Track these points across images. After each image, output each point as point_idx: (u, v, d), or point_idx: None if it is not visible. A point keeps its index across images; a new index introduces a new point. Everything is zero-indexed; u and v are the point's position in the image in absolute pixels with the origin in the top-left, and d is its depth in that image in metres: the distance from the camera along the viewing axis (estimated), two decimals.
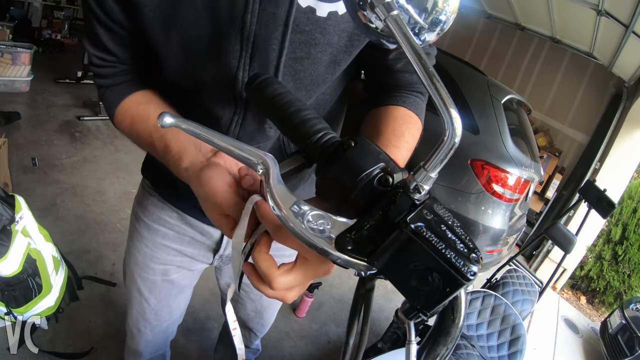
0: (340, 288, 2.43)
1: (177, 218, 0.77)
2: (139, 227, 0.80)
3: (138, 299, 0.86)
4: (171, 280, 0.84)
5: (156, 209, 0.78)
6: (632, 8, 2.37)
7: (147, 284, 0.84)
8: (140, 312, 0.88)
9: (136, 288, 0.85)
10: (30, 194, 2.14)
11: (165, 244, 0.79)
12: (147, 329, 0.91)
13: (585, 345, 3.11)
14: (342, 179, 0.35)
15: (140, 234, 0.80)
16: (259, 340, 1.10)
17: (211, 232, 0.77)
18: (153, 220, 0.78)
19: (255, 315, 0.97)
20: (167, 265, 0.81)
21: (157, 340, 0.96)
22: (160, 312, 0.89)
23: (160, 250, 0.79)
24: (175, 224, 0.77)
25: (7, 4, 4.45)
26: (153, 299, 0.86)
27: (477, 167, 2.37)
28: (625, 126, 3.62)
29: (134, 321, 0.91)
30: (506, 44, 4.76)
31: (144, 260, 0.81)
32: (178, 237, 0.78)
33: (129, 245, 0.84)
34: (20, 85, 3.31)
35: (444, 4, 0.34)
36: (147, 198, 0.79)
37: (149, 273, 0.82)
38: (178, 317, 0.97)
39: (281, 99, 0.43)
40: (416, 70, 0.31)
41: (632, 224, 3.86)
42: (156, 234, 0.78)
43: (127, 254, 0.85)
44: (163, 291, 0.85)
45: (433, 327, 0.34)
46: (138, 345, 0.95)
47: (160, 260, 0.80)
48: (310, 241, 0.33)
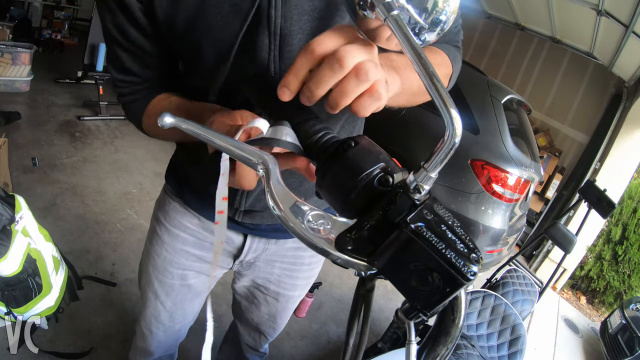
0: (340, 288, 2.43)
1: (198, 224, 0.77)
2: (160, 231, 0.80)
3: (153, 302, 0.87)
4: (189, 285, 0.84)
5: (177, 214, 0.78)
6: (632, 8, 2.37)
7: (165, 288, 0.84)
8: (155, 314, 0.88)
9: (152, 290, 0.85)
10: (30, 194, 2.14)
11: (185, 249, 0.79)
12: (160, 330, 0.92)
13: (585, 345, 3.11)
14: (342, 179, 0.35)
15: (161, 238, 0.80)
16: (267, 344, 1.10)
17: (232, 238, 0.77)
18: (174, 225, 0.78)
19: (268, 319, 0.97)
20: (186, 271, 0.82)
21: (168, 341, 0.97)
22: (174, 314, 0.89)
23: (180, 256, 0.79)
24: (196, 230, 0.78)
25: (7, 4, 4.45)
26: (169, 302, 0.86)
27: (477, 167, 2.37)
28: (625, 126, 3.62)
29: (146, 323, 0.91)
30: (506, 44, 4.76)
31: (163, 264, 0.81)
32: (199, 243, 0.79)
33: (148, 249, 0.84)
34: (20, 85, 3.31)
35: (444, 4, 0.34)
36: (169, 203, 0.79)
37: (167, 277, 0.82)
38: (191, 320, 0.97)
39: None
40: (416, 70, 0.31)
41: (632, 224, 3.87)
42: (177, 239, 0.79)
43: (145, 256, 0.85)
44: (179, 295, 0.85)
45: (433, 327, 0.34)
46: (149, 345, 0.95)
47: (179, 265, 0.81)
48: (310, 241, 0.33)
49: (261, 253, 0.81)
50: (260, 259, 0.83)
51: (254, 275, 0.88)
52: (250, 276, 0.89)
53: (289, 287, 0.89)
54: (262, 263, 0.85)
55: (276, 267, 0.85)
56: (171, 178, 0.81)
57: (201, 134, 0.39)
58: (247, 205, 0.70)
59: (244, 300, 0.96)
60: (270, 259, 0.84)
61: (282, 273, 0.87)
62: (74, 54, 4.40)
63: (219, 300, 1.93)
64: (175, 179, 0.80)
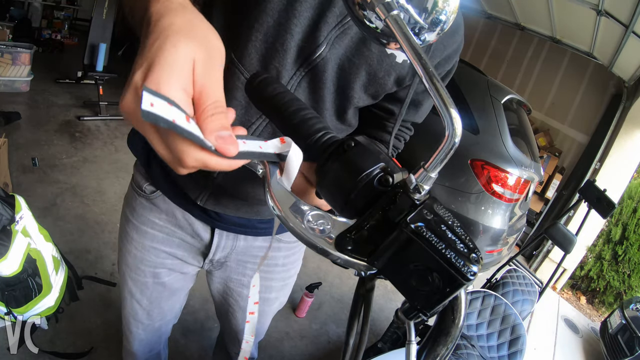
0: (340, 288, 2.43)
1: (166, 220, 0.75)
2: (128, 228, 0.79)
3: (129, 301, 0.86)
4: (162, 283, 0.83)
5: (144, 210, 0.76)
6: (632, 8, 2.37)
7: (139, 286, 0.83)
8: (132, 313, 0.87)
9: (127, 289, 0.84)
10: (30, 194, 2.14)
11: (154, 246, 0.78)
12: (140, 329, 0.91)
13: (585, 345, 3.11)
14: (342, 179, 0.35)
15: (130, 235, 0.78)
16: (255, 347, 1.09)
17: (201, 234, 0.76)
18: (142, 222, 0.77)
19: None
20: (158, 268, 0.80)
21: (150, 338, 0.95)
22: (152, 312, 0.88)
23: (150, 253, 0.78)
24: (163, 226, 0.76)
25: (7, 4, 4.45)
26: (145, 300, 0.85)
27: (477, 167, 2.37)
28: (625, 126, 3.62)
29: (126, 322, 0.90)
30: (506, 44, 4.76)
31: (134, 262, 0.80)
32: (167, 238, 0.77)
33: (120, 247, 0.83)
34: (20, 85, 3.31)
35: (444, 4, 0.34)
36: (135, 199, 0.77)
37: (139, 275, 0.81)
38: (172, 318, 0.96)
39: (281, 98, 0.43)
40: (416, 70, 0.31)
41: (632, 224, 3.87)
42: (145, 236, 0.77)
43: (119, 255, 0.84)
44: (154, 293, 0.84)
45: (433, 327, 0.34)
46: (132, 346, 0.94)
47: (150, 263, 0.79)
48: (310, 241, 0.33)
49: (230, 251, 0.79)
50: (230, 258, 0.81)
51: (226, 277, 0.86)
52: (222, 277, 0.86)
53: (264, 289, 0.86)
54: (234, 263, 0.83)
55: (248, 269, 0.84)
56: (138, 150, 0.75)
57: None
58: (215, 187, 0.67)
59: (220, 307, 0.94)
60: (241, 258, 0.82)
61: None
62: (74, 54, 4.40)
63: None
64: (144, 151, 0.74)
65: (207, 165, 0.31)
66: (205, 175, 0.66)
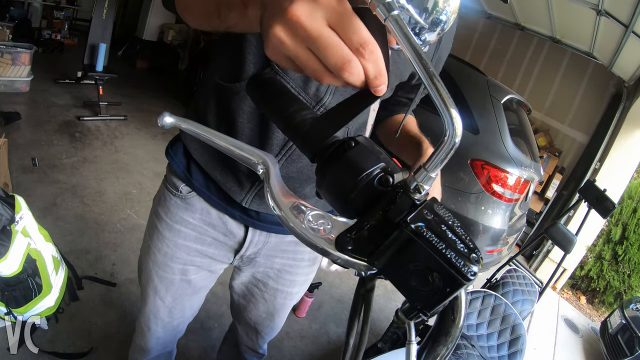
0: (340, 288, 2.43)
1: (199, 219, 0.78)
2: (161, 227, 0.80)
3: (152, 298, 0.87)
4: (189, 280, 0.85)
5: (179, 209, 0.78)
6: (632, 8, 2.37)
7: (165, 283, 0.84)
8: (154, 311, 0.89)
9: (152, 287, 0.86)
10: (30, 194, 2.14)
11: (187, 244, 0.80)
12: (159, 326, 0.92)
13: (585, 345, 3.11)
14: (343, 179, 0.35)
15: (162, 233, 0.80)
16: (265, 344, 1.10)
17: (234, 232, 0.78)
18: (175, 221, 0.79)
19: (266, 317, 0.97)
20: (187, 266, 0.82)
21: (166, 337, 0.97)
22: (173, 310, 0.90)
23: (182, 250, 0.80)
24: (197, 225, 0.78)
25: (7, 4, 4.45)
26: (169, 297, 0.87)
27: (477, 167, 2.37)
28: (625, 126, 3.63)
29: (145, 319, 0.92)
30: (506, 44, 4.76)
31: (164, 259, 0.82)
32: (200, 237, 0.79)
33: (148, 245, 0.84)
34: (20, 85, 3.31)
35: (444, 4, 0.34)
36: (170, 199, 0.79)
37: (167, 272, 0.83)
38: (190, 316, 0.97)
39: (282, 98, 0.43)
40: (416, 70, 0.31)
41: (632, 224, 3.87)
42: (178, 234, 0.79)
43: (145, 252, 0.86)
44: (179, 290, 0.86)
45: (433, 327, 0.34)
46: (147, 342, 0.96)
47: (181, 260, 0.81)
48: (310, 241, 0.33)
49: (262, 247, 0.82)
50: (260, 253, 0.84)
51: (254, 270, 0.89)
52: (250, 271, 0.89)
53: (288, 284, 0.90)
54: (262, 258, 0.85)
55: (276, 263, 0.87)
56: (177, 159, 0.78)
57: (201, 134, 0.39)
58: (261, 189, 0.70)
59: (241, 299, 0.97)
60: (271, 253, 0.85)
61: (282, 268, 0.87)
62: (74, 54, 4.41)
63: (219, 300, 1.93)
64: (183, 159, 0.77)
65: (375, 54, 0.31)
66: (251, 176, 0.70)
